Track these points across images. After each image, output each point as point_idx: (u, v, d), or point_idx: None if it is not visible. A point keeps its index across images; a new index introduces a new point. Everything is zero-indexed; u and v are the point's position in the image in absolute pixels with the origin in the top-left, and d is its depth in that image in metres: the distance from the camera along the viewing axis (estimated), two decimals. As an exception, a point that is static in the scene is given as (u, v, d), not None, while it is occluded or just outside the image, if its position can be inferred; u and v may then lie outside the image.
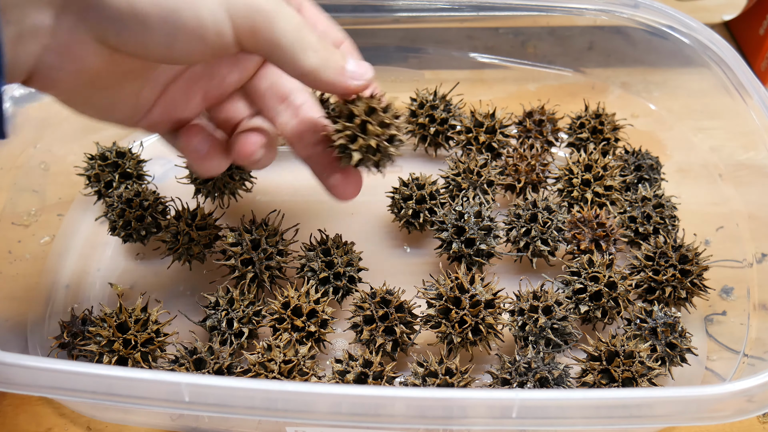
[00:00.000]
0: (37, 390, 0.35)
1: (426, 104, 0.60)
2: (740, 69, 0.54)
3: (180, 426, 0.45)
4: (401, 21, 0.62)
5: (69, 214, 0.57)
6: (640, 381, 0.42)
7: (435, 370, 0.42)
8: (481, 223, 0.48)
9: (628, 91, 0.67)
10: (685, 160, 0.62)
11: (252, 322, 0.46)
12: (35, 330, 0.49)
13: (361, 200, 0.42)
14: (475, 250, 0.48)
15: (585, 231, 0.50)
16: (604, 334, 0.46)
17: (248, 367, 0.42)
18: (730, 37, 0.75)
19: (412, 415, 0.35)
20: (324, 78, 0.37)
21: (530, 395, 0.35)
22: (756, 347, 0.48)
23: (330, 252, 0.49)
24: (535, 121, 0.60)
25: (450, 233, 0.49)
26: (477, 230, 0.48)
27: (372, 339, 0.45)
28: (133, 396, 0.35)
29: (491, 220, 0.49)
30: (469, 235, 0.48)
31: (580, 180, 0.54)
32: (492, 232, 0.49)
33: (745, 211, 0.55)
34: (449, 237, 0.49)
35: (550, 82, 0.69)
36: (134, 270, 0.54)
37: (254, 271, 0.48)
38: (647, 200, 0.53)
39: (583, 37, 0.69)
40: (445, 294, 0.44)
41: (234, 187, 0.54)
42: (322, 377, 0.44)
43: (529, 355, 0.43)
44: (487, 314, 0.43)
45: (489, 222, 0.49)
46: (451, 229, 0.49)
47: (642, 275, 0.49)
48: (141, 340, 0.44)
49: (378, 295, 0.45)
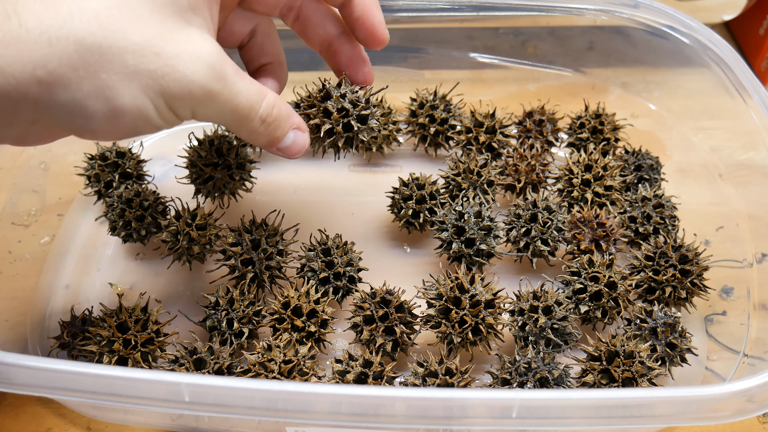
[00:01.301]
0: (37, 390, 0.35)
1: (426, 104, 0.60)
2: (740, 69, 0.54)
3: (180, 426, 0.45)
4: (401, 21, 0.62)
5: (69, 214, 0.57)
6: (640, 381, 0.42)
7: (435, 370, 0.42)
8: (481, 223, 0.48)
9: (628, 91, 0.67)
10: (685, 160, 0.62)
11: (252, 322, 0.46)
12: (35, 330, 0.49)
13: (361, 200, 0.42)
14: (475, 250, 0.48)
15: (585, 231, 0.50)
16: (604, 334, 0.46)
17: (248, 367, 0.42)
18: (730, 37, 0.75)
19: (412, 415, 0.35)
20: (256, 144, 0.41)
21: (530, 395, 0.35)
22: (756, 347, 0.48)
23: (330, 252, 0.49)
24: (535, 121, 0.60)
25: (450, 233, 0.49)
26: (477, 230, 0.48)
27: (372, 339, 0.45)
28: (133, 396, 0.35)
29: (491, 220, 0.49)
30: (469, 235, 0.48)
31: (580, 180, 0.54)
32: (492, 232, 0.49)
33: (745, 211, 0.55)
34: (449, 237, 0.49)
35: (550, 82, 0.69)
36: (134, 270, 0.54)
37: (254, 271, 0.48)
38: (647, 200, 0.53)
39: (583, 37, 0.69)
40: (445, 294, 0.44)
41: (234, 187, 0.54)
42: (322, 377, 0.44)
43: (529, 355, 0.43)
44: (487, 314, 0.43)
45: (489, 222, 0.49)
46: (451, 229, 0.49)
47: (642, 275, 0.49)
48: (141, 340, 0.44)
49: (378, 295, 0.45)
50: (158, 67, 0.34)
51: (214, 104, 0.36)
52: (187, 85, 0.35)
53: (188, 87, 0.35)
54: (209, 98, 0.36)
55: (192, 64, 0.35)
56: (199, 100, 0.35)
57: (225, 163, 0.52)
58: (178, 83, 0.34)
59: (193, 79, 0.35)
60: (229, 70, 0.36)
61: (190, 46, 0.35)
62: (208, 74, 0.35)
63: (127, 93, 0.34)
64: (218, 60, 0.36)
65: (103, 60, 0.33)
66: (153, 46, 0.34)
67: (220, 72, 0.36)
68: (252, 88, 0.38)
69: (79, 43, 0.32)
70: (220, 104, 0.36)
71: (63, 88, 0.33)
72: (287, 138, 0.41)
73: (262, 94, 0.38)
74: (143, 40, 0.33)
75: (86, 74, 0.33)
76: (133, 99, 0.34)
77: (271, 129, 0.40)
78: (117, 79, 0.33)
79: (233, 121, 0.38)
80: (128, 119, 0.34)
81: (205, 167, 0.52)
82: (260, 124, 0.39)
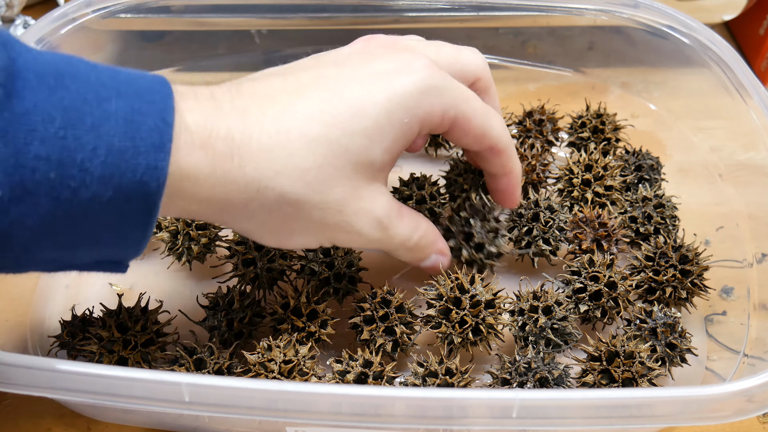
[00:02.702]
0: (37, 390, 0.35)
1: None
2: (740, 69, 0.54)
3: (180, 426, 0.45)
4: (401, 21, 0.62)
5: (69, 214, 0.57)
6: (641, 381, 0.42)
7: (435, 370, 0.42)
8: (488, 225, 0.47)
9: (628, 91, 0.67)
10: (685, 160, 0.62)
11: (252, 322, 0.46)
12: (35, 330, 0.49)
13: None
14: (486, 253, 0.47)
15: (587, 231, 0.50)
16: (604, 335, 0.46)
17: (248, 367, 0.42)
18: (730, 37, 0.75)
19: (412, 415, 0.35)
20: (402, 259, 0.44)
21: (530, 395, 0.35)
22: (756, 347, 0.48)
23: (330, 252, 0.49)
24: (535, 121, 0.60)
25: (458, 240, 0.48)
26: (485, 233, 0.47)
27: (372, 339, 0.45)
28: (133, 396, 0.35)
29: (497, 221, 0.48)
30: (477, 240, 0.48)
31: (580, 180, 0.54)
32: (499, 233, 0.48)
33: (745, 211, 0.55)
34: (458, 244, 0.48)
35: (550, 82, 0.69)
36: (134, 270, 0.54)
37: (255, 272, 0.48)
38: (648, 200, 0.53)
39: (583, 37, 0.69)
40: (445, 294, 0.44)
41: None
42: (322, 377, 0.44)
43: (529, 355, 0.43)
44: (488, 314, 0.43)
45: (495, 223, 0.48)
46: (459, 236, 0.48)
47: (642, 275, 0.49)
48: (141, 340, 0.44)
49: (378, 295, 0.45)
50: (337, 222, 0.38)
51: (373, 247, 0.41)
52: (353, 236, 0.39)
53: (353, 238, 0.39)
54: (367, 244, 0.40)
55: (365, 221, 0.39)
56: (358, 245, 0.40)
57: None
58: (347, 234, 0.39)
59: (360, 232, 0.39)
60: (393, 218, 0.40)
61: (369, 204, 0.38)
62: (374, 227, 0.39)
63: (301, 238, 0.38)
64: (387, 214, 0.40)
65: (294, 210, 0.36)
66: (339, 204, 0.37)
67: (385, 223, 0.39)
68: (408, 225, 0.41)
69: (281, 196, 0.36)
70: (379, 247, 0.41)
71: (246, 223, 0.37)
72: (428, 260, 0.45)
73: (415, 230, 0.42)
74: (334, 200, 0.37)
75: (278, 220, 0.37)
76: (304, 241, 0.39)
77: (414, 254, 0.43)
78: (298, 228, 0.38)
79: (388, 251, 0.43)
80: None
81: None
82: (405, 252, 0.43)
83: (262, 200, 0.35)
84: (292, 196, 0.36)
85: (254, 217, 0.36)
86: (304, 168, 0.35)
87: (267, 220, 0.37)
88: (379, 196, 0.39)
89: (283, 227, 0.38)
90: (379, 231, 0.39)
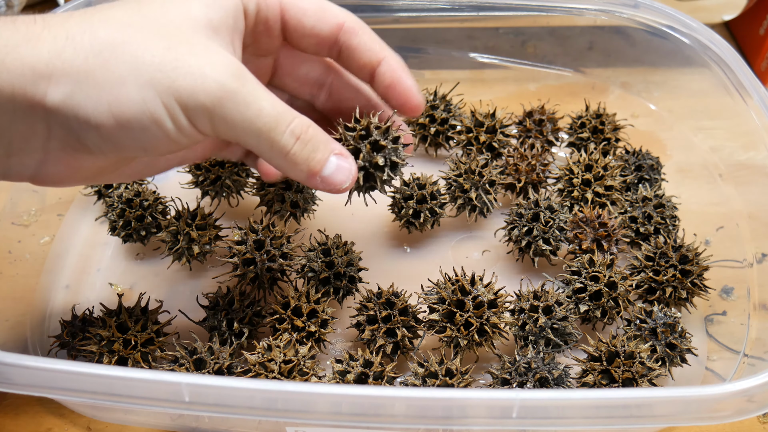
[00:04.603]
0: (37, 390, 0.35)
1: (426, 104, 0.59)
2: (740, 69, 0.54)
3: (180, 426, 0.45)
4: (401, 21, 0.62)
5: (69, 214, 0.57)
6: (641, 381, 0.42)
7: (435, 370, 0.42)
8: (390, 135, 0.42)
9: (628, 91, 0.67)
10: (685, 160, 0.62)
11: (252, 322, 0.46)
12: (35, 330, 0.49)
13: (362, 200, 0.42)
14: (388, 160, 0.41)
15: (587, 231, 0.50)
16: (604, 335, 0.46)
17: (248, 367, 0.42)
18: (730, 37, 0.75)
19: (413, 415, 0.35)
20: (291, 177, 0.37)
21: (530, 395, 0.35)
22: (756, 347, 0.48)
23: (330, 252, 0.49)
24: (536, 121, 0.60)
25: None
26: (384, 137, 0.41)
27: (373, 339, 0.45)
28: (133, 396, 0.35)
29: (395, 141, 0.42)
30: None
31: (580, 180, 0.54)
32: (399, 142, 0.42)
33: (745, 211, 0.55)
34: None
35: (550, 82, 0.69)
36: (134, 270, 0.54)
37: (255, 272, 0.48)
38: (648, 200, 0.53)
39: (583, 37, 0.69)
40: (448, 297, 0.44)
41: (240, 185, 0.54)
42: (322, 377, 0.44)
43: (529, 355, 0.43)
44: (491, 314, 0.43)
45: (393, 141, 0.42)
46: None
47: (642, 276, 0.49)
48: (141, 340, 0.44)
49: (384, 296, 0.45)
50: (169, 60, 0.32)
51: (233, 106, 0.32)
52: (201, 79, 0.32)
53: (202, 83, 0.32)
54: (227, 97, 0.32)
55: (207, 66, 0.32)
56: (215, 99, 0.32)
57: (230, 162, 0.52)
58: (190, 76, 0.32)
59: (206, 73, 0.32)
60: (250, 75, 0.34)
61: (206, 54, 0.33)
62: (224, 72, 0.32)
63: (135, 88, 0.32)
64: (237, 65, 0.33)
65: (116, 53, 0.32)
66: (167, 47, 0.32)
67: (239, 72, 0.33)
68: (279, 100, 0.35)
69: (95, 38, 0.32)
70: (241, 107, 0.33)
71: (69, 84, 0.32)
72: (329, 164, 0.36)
73: (293, 111, 0.35)
74: (158, 41, 0.32)
75: (96, 66, 0.32)
76: (140, 92, 0.32)
77: (308, 150, 0.35)
78: (126, 69, 0.32)
79: (261, 134, 0.34)
80: (138, 124, 0.32)
81: (212, 167, 0.52)
82: (294, 140, 0.35)
83: (74, 47, 0.32)
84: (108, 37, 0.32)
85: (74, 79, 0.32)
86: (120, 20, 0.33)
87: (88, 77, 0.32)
88: (221, 49, 0.34)
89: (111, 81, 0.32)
90: (234, 78, 0.33)
